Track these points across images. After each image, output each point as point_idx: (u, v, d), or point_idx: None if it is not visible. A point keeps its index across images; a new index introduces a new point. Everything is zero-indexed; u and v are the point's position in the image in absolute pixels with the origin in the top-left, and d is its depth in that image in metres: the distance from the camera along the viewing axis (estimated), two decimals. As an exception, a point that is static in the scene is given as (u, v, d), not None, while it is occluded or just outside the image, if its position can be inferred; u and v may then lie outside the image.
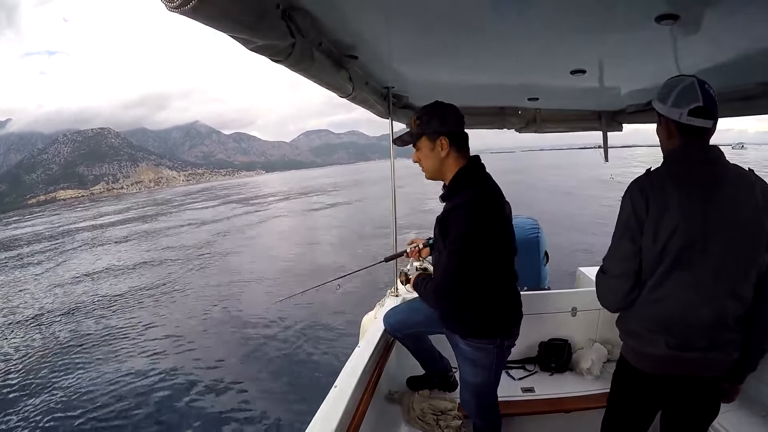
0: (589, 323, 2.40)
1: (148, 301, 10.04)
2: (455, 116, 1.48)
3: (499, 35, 1.37)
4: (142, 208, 48.47)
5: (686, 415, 1.26)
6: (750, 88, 1.86)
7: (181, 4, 0.67)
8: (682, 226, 1.12)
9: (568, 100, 2.62)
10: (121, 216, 38.38)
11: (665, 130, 1.24)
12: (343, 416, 1.36)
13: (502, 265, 1.45)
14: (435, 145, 1.46)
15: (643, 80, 1.99)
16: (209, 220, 26.68)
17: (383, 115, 2.31)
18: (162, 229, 24.34)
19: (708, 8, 1.09)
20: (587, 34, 1.34)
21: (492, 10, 1.16)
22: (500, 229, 1.41)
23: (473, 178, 1.46)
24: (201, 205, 41.89)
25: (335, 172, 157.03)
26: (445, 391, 2.11)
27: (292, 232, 19.80)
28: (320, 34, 1.30)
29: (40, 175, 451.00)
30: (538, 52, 1.56)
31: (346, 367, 1.69)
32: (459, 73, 1.90)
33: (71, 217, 48.53)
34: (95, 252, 19.37)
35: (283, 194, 47.26)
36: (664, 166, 1.22)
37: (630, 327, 1.28)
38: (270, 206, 33.73)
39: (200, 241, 18.09)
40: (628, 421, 1.36)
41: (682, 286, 1.16)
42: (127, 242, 21.16)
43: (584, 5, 1.10)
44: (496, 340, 1.50)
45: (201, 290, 10.42)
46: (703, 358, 1.17)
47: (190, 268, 13.25)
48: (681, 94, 1.17)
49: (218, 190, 71.61)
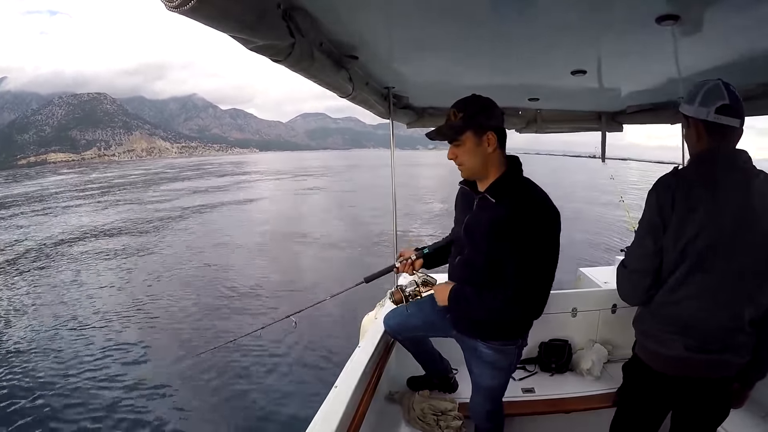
0: (590, 324, 2.40)
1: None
2: (499, 111, 1.40)
3: (500, 35, 1.37)
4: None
5: (696, 416, 1.26)
6: (751, 88, 1.86)
7: (181, 4, 0.67)
8: (707, 228, 1.12)
9: (568, 101, 2.63)
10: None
11: (694, 132, 1.23)
12: (343, 416, 1.36)
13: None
14: (482, 141, 1.35)
15: (644, 81, 1.99)
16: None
17: (383, 116, 2.31)
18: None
19: (708, 9, 1.09)
20: (588, 35, 1.34)
21: (492, 10, 1.16)
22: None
23: (524, 179, 1.39)
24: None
25: (330, 156, 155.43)
26: (445, 392, 2.10)
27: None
28: (320, 34, 1.30)
29: (32, 136, 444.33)
30: (538, 53, 1.56)
31: (346, 367, 1.69)
32: (459, 74, 1.90)
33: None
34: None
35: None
36: (693, 167, 1.22)
37: (646, 327, 1.28)
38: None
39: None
40: (639, 420, 1.36)
41: (702, 289, 1.16)
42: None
43: (584, 5, 1.09)
44: (518, 340, 1.48)
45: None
46: (718, 360, 1.17)
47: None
48: (707, 93, 1.18)
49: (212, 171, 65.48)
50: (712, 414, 1.26)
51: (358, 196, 26.13)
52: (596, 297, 2.42)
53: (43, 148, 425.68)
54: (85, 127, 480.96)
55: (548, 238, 1.29)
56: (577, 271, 3.45)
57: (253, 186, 35.30)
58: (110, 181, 40.77)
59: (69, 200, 28.16)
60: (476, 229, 1.40)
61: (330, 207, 21.31)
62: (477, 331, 1.50)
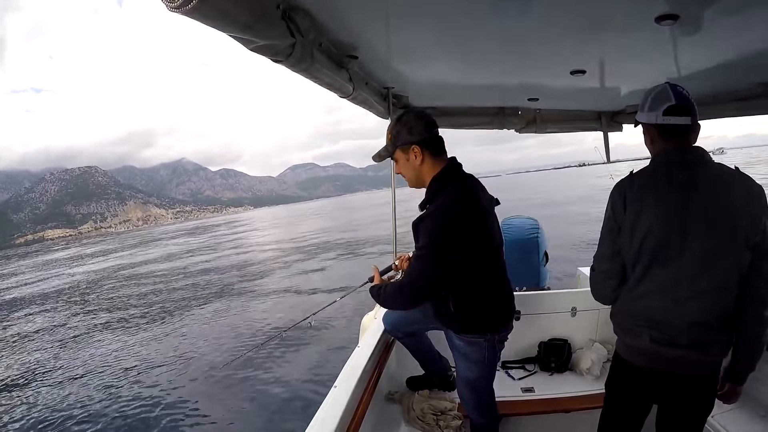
0: (589, 323, 2.40)
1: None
2: (423, 122, 1.48)
3: (500, 35, 1.37)
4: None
5: (679, 411, 1.28)
6: (750, 88, 1.87)
7: (182, 4, 0.67)
8: (657, 226, 1.17)
9: (568, 101, 2.62)
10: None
11: (648, 137, 1.28)
12: (343, 416, 1.36)
13: (483, 261, 1.46)
14: (409, 155, 1.48)
15: (643, 80, 1.99)
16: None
17: (383, 116, 2.31)
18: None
19: (708, 9, 1.09)
20: (587, 35, 1.34)
21: (492, 10, 1.16)
22: (477, 228, 1.41)
23: (448, 182, 1.46)
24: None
25: (322, 204, 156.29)
26: (444, 390, 2.11)
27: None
28: (320, 34, 1.30)
29: (27, 215, 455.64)
30: (538, 53, 1.56)
31: (346, 367, 1.69)
32: (459, 74, 1.90)
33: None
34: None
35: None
36: (647, 167, 1.26)
37: (619, 321, 1.33)
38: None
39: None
40: (623, 414, 1.39)
41: (659, 285, 1.20)
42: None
43: (584, 5, 1.10)
44: (486, 335, 1.51)
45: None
46: (686, 356, 1.19)
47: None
48: (654, 99, 1.22)
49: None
50: (692, 409, 1.27)
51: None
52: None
53: (40, 225, 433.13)
54: (79, 201, 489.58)
55: (439, 240, 1.37)
56: (577, 271, 3.44)
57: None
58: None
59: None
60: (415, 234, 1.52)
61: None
62: (447, 324, 1.58)
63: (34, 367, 8.08)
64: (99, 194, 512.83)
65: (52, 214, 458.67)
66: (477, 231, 1.41)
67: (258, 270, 15.96)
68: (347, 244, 19.56)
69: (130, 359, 7.55)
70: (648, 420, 1.37)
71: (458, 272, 1.41)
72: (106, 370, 7.15)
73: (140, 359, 7.44)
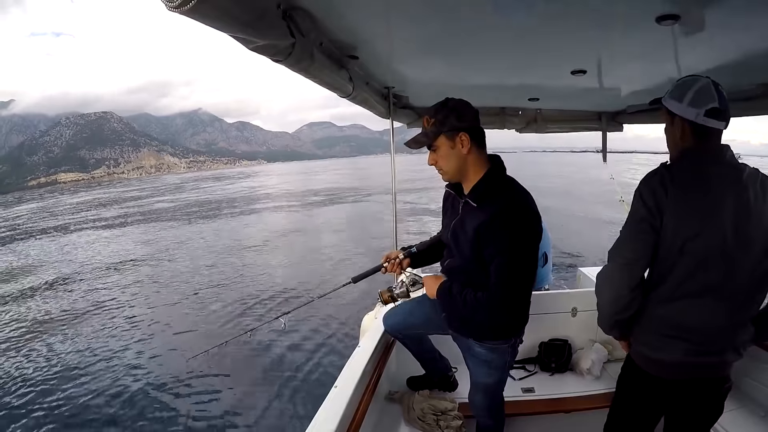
0: (590, 323, 2.40)
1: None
2: (471, 110, 1.37)
3: (500, 35, 1.36)
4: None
5: (691, 417, 1.26)
6: (751, 89, 1.86)
7: (181, 3, 0.67)
8: (708, 227, 1.09)
9: (568, 101, 2.62)
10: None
11: (678, 130, 1.19)
12: (343, 416, 1.36)
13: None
14: (455, 143, 1.34)
15: (644, 81, 1.99)
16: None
17: (383, 115, 2.31)
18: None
19: (709, 9, 1.08)
20: (587, 35, 1.34)
21: (492, 10, 1.16)
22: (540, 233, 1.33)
23: (506, 180, 1.36)
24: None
25: (337, 163, 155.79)
26: (445, 390, 2.11)
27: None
28: (320, 34, 1.30)
29: (41, 158, 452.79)
30: (538, 53, 1.55)
31: (346, 367, 1.69)
32: (459, 74, 1.90)
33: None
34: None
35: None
36: (683, 163, 1.18)
37: (639, 331, 1.25)
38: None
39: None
40: (633, 424, 1.35)
41: (704, 289, 1.13)
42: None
43: (584, 5, 1.09)
44: (511, 339, 1.48)
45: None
46: (718, 361, 1.17)
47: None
48: (698, 93, 1.14)
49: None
50: (707, 414, 1.25)
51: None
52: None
53: (53, 168, 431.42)
54: (93, 146, 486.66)
55: (529, 242, 1.27)
56: (577, 271, 3.45)
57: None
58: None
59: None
60: (460, 234, 1.39)
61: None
62: (469, 331, 1.50)
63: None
64: (114, 140, 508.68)
65: (66, 157, 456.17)
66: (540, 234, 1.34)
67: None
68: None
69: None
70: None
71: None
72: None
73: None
